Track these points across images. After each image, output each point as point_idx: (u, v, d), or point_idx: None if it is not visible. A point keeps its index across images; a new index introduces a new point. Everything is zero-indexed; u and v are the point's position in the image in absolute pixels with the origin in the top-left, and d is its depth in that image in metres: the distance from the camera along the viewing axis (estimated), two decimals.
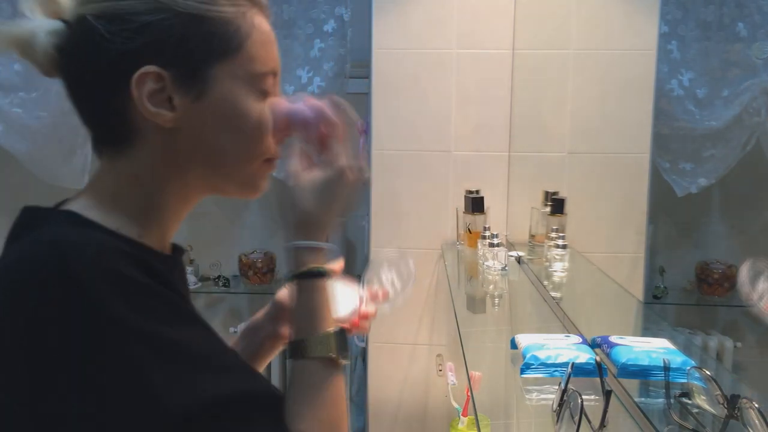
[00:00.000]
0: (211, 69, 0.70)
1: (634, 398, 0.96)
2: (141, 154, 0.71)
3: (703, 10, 1.60)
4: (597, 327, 1.25)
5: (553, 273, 1.63)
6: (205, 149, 0.72)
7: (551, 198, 1.83)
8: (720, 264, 1.56)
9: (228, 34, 0.70)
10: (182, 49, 0.68)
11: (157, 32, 0.67)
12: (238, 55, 0.71)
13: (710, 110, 1.63)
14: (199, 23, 0.68)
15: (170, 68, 0.68)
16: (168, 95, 0.68)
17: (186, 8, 0.68)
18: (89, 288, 0.60)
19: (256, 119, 0.72)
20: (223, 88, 0.70)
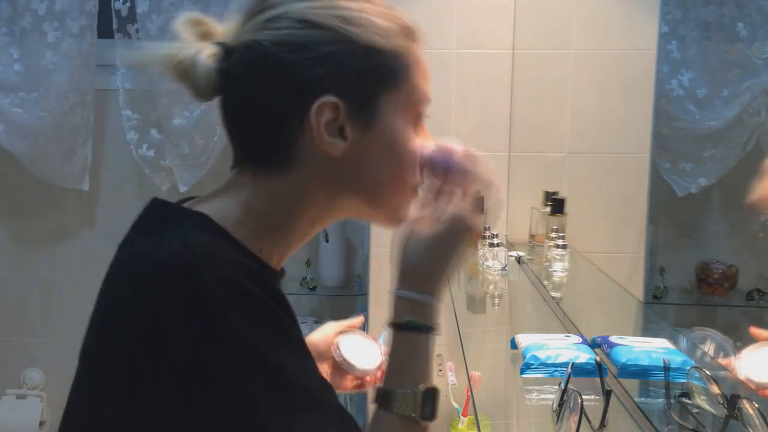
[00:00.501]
0: (380, 100, 0.71)
1: (634, 398, 0.96)
2: (295, 178, 0.72)
3: (703, 10, 1.60)
4: (597, 327, 1.25)
5: (553, 273, 1.63)
6: (364, 178, 0.73)
7: (551, 198, 1.83)
8: (720, 264, 1.56)
9: (397, 67, 0.72)
10: (359, 80, 0.70)
11: (337, 63, 0.69)
12: (404, 86, 0.73)
13: (710, 110, 1.63)
14: (375, 55, 0.70)
15: (346, 99, 0.69)
16: (340, 125, 0.70)
17: (366, 41, 0.70)
18: (213, 297, 0.61)
19: (413, 151, 0.74)
20: (389, 119, 0.72)
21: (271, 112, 0.70)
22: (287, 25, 0.69)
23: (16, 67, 2.24)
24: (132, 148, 2.26)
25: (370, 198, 0.75)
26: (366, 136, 0.71)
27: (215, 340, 0.60)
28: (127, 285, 0.64)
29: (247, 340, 0.61)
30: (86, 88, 2.24)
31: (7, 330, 2.45)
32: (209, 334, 0.60)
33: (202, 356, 0.60)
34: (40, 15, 2.18)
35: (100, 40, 2.25)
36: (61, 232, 2.40)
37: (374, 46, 0.70)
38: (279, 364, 0.62)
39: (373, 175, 0.73)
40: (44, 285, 2.40)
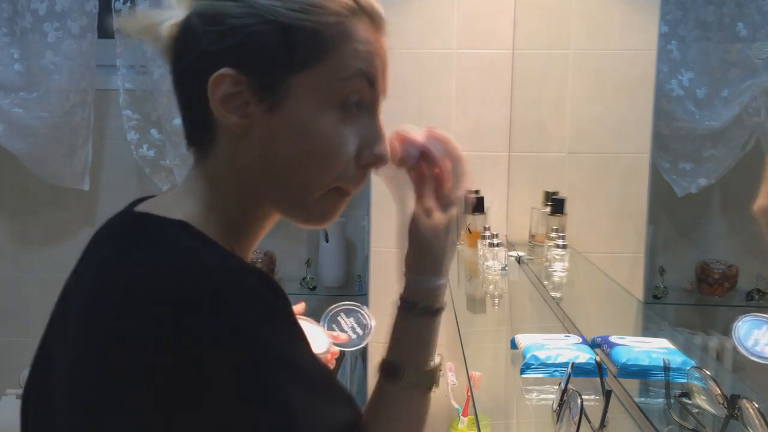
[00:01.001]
0: (289, 80, 0.66)
1: (634, 398, 0.96)
2: (217, 158, 0.70)
3: (703, 10, 1.60)
4: (597, 327, 1.25)
5: (553, 273, 1.63)
6: (270, 165, 0.68)
7: (551, 198, 1.83)
8: (720, 264, 1.56)
9: (314, 45, 0.66)
10: (265, 56, 0.66)
11: (242, 37, 0.66)
12: (324, 66, 0.67)
13: (710, 110, 1.63)
14: (287, 32, 0.66)
15: (249, 74, 0.66)
16: (244, 101, 0.66)
17: (277, 16, 0.66)
18: (232, 308, 0.59)
19: (329, 141, 0.68)
20: (298, 103, 0.67)
21: (188, 86, 0.69)
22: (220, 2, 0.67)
23: (17, 67, 2.24)
24: (132, 148, 2.26)
25: (281, 189, 0.70)
26: (270, 117, 0.67)
27: (242, 352, 0.58)
28: (132, 315, 0.59)
29: (271, 346, 0.60)
30: (86, 88, 2.24)
31: (7, 330, 2.45)
32: (235, 346, 0.58)
33: (230, 358, 0.58)
34: (40, 15, 2.18)
35: (100, 40, 2.25)
36: (61, 232, 2.40)
37: (287, 21, 0.66)
38: (301, 363, 0.63)
39: (278, 162, 0.68)
40: (44, 285, 2.40)
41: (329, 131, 0.68)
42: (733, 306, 1.56)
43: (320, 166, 0.68)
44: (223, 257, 0.65)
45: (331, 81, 0.67)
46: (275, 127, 0.67)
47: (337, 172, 0.69)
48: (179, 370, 0.57)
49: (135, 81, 2.25)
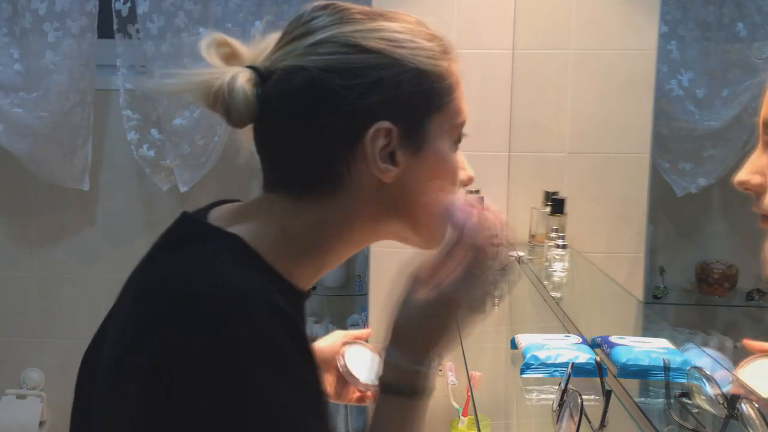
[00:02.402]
0: (429, 123, 0.70)
1: (634, 398, 0.96)
2: (341, 204, 0.70)
3: (703, 10, 1.60)
4: (597, 327, 1.25)
5: (553, 273, 1.63)
6: (412, 203, 0.71)
7: (551, 198, 1.83)
8: (720, 264, 1.56)
9: (443, 88, 0.71)
10: (410, 104, 0.69)
11: (388, 87, 0.67)
12: (448, 107, 0.71)
13: (710, 110, 1.63)
14: (424, 77, 0.69)
15: (398, 123, 0.68)
16: (392, 150, 0.68)
17: (416, 63, 0.69)
18: (240, 340, 0.59)
19: (455, 171, 0.74)
20: (436, 142, 0.71)
21: (320, 140, 0.68)
22: (334, 50, 0.67)
23: (17, 67, 2.24)
24: (132, 148, 2.26)
25: (413, 222, 0.73)
26: (416, 161, 0.70)
27: (234, 385, 0.58)
28: (154, 308, 0.62)
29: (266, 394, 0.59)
30: (86, 88, 2.24)
31: (7, 330, 2.45)
32: (230, 377, 0.58)
33: (219, 396, 0.58)
34: (40, 15, 2.18)
35: (100, 40, 2.25)
36: (61, 232, 2.40)
37: (422, 68, 0.69)
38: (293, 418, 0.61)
39: (422, 198, 0.71)
40: (44, 285, 2.40)
41: (455, 162, 0.74)
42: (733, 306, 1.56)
43: (449, 192, 0.73)
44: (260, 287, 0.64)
45: (454, 122, 0.72)
46: (420, 168, 0.70)
47: (455, 192, 0.74)
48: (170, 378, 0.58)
49: (135, 81, 2.25)
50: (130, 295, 0.68)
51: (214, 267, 0.63)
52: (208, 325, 0.59)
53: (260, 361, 0.59)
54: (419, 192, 0.71)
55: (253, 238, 0.67)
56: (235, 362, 0.58)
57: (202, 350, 0.58)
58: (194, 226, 0.70)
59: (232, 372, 0.58)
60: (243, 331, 0.59)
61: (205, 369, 0.58)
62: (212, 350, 0.58)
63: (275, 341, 0.60)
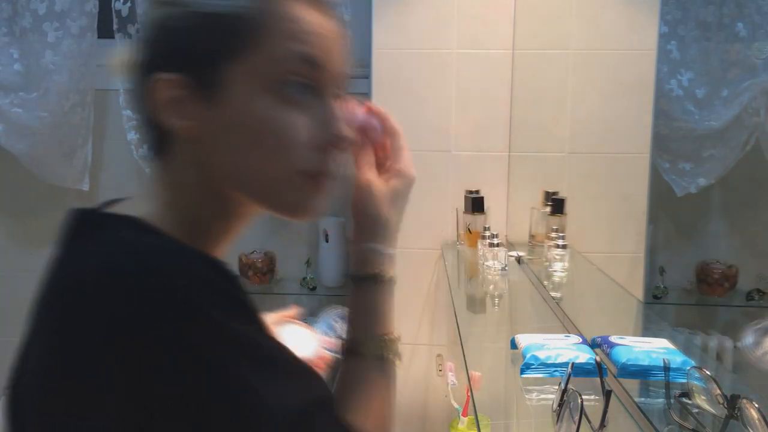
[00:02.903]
0: (225, 71, 0.63)
1: (634, 398, 0.96)
2: (176, 164, 0.67)
3: (703, 10, 1.60)
4: (597, 327, 1.25)
5: (553, 273, 1.63)
6: (226, 164, 0.65)
7: (551, 198, 1.83)
8: (720, 264, 1.56)
9: (245, 30, 0.63)
10: (196, 51, 0.63)
11: (171, 37, 0.64)
12: (258, 52, 0.63)
13: (710, 110, 1.63)
14: (213, 21, 0.63)
15: (184, 73, 0.63)
16: (185, 103, 0.64)
17: (203, 7, 0.63)
18: (187, 296, 0.56)
19: (274, 127, 0.64)
20: (237, 93, 0.63)
21: (134, 101, 0.68)
22: (146, 10, 0.68)
23: (16, 67, 2.24)
24: (132, 148, 2.26)
25: (245, 186, 0.67)
26: (214, 114, 0.63)
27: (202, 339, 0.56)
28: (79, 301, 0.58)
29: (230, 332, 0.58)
30: (86, 88, 2.24)
31: (7, 330, 2.44)
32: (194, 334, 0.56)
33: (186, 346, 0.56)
34: (40, 15, 2.18)
35: (100, 40, 2.25)
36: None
37: (211, 11, 0.63)
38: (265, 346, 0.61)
39: (232, 159, 0.65)
40: None
41: (272, 117, 0.64)
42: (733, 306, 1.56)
43: (271, 153, 0.65)
44: (172, 245, 0.63)
45: (268, 66, 0.63)
46: (221, 119, 0.64)
47: (292, 157, 0.65)
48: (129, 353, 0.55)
49: None
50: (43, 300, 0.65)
51: (124, 242, 0.62)
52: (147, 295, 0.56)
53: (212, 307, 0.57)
54: (231, 150, 0.65)
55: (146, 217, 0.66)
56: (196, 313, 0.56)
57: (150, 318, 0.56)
58: (85, 216, 0.68)
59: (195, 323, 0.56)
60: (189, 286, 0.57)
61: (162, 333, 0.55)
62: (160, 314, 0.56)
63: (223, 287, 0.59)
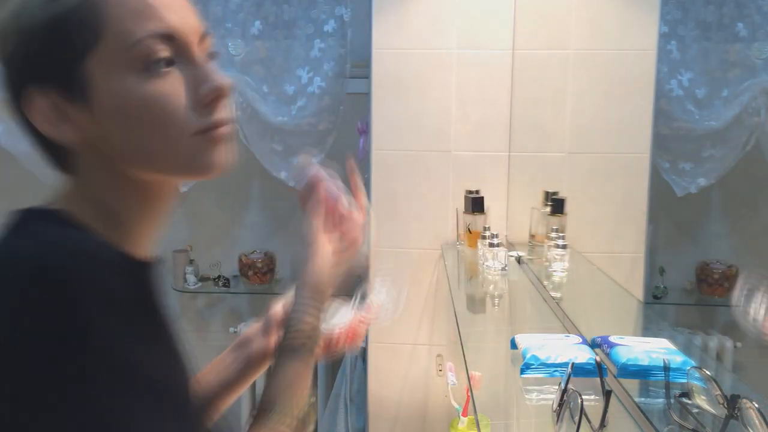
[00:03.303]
0: (81, 69, 0.64)
1: (634, 398, 0.96)
2: (82, 171, 0.69)
3: (703, 10, 1.60)
4: (597, 327, 1.25)
5: (553, 273, 1.63)
6: (124, 153, 0.67)
7: (551, 198, 1.83)
8: (720, 264, 1.56)
9: (84, 23, 0.63)
10: (47, 60, 0.64)
11: (22, 55, 0.65)
12: (102, 40, 0.63)
13: (710, 110, 1.63)
14: (53, 27, 0.63)
15: (49, 84, 0.65)
16: (63, 111, 0.65)
17: (34, 21, 0.64)
18: (69, 296, 0.57)
19: (149, 102, 0.65)
20: (101, 84, 0.64)
21: (23, 129, 0.69)
22: None
23: None
24: None
25: (151, 167, 0.68)
26: (91, 111, 0.65)
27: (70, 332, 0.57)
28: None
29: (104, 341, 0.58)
30: None
31: None
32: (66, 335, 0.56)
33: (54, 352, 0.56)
34: None
35: None
36: None
37: (41, 21, 0.63)
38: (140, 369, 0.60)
39: (129, 145, 0.66)
40: None
41: (145, 94, 0.65)
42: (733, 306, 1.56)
43: (159, 127, 0.66)
44: (80, 240, 0.63)
45: (121, 50, 0.64)
46: (101, 115, 0.65)
47: (179, 123, 0.66)
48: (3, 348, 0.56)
49: None
50: None
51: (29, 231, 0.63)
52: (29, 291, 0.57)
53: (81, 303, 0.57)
54: (125, 136, 0.66)
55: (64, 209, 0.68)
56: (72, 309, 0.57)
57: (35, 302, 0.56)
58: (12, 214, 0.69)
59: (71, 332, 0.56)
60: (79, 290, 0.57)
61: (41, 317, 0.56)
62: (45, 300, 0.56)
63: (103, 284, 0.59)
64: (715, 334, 1.55)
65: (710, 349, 1.52)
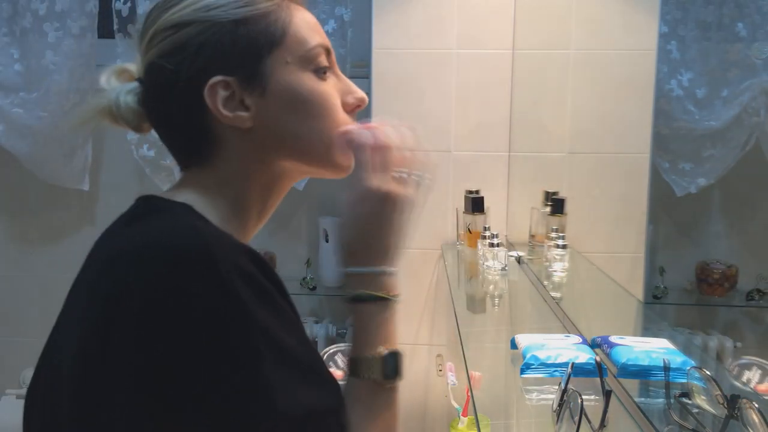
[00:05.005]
0: (265, 64, 0.75)
1: (634, 398, 0.96)
2: (226, 160, 0.77)
3: (703, 10, 1.60)
4: (597, 327, 1.25)
5: (553, 273, 1.63)
6: (283, 138, 0.77)
7: (551, 198, 1.83)
8: (720, 264, 1.56)
9: (270, 27, 0.75)
10: (236, 53, 0.74)
11: (210, 48, 0.74)
12: (285, 42, 0.76)
13: (710, 110, 1.63)
14: (242, 26, 0.74)
15: (233, 74, 0.74)
16: (240, 99, 0.75)
17: (226, 17, 0.74)
18: (225, 278, 0.63)
19: (318, 97, 0.77)
20: (281, 78, 0.76)
21: (181, 115, 0.76)
22: (162, 37, 0.75)
23: (17, 67, 2.24)
24: (132, 148, 2.26)
25: (301, 154, 0.78)
26: (266, 100, 0.75)
27: (231, 322, 0.62)
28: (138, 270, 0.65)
29: (258, 321, 0.64)
30: (86, 88, 2.24)
31: (7, 330, 2.45)
32: (225, 316, 0.62)
33: (220, 332, 0.62)
34: (40, 15, 2.18)
35: (100, 40, 2.25)
36: (61, 232, 2.40)
37: (237, 18, 0.74)
38: (287, 343, 0.66)
39: (289, 132, 0.77)
40: (44, 285, 2.40)
41: (315, 89, 0.77)
42: (733, 306, 1.56)
43: (321, 118, 0.77)
44: (222, 236, 0.69)
45: (299, 53, 0.77)
46: (274, 105, 0.76)
47: (336, 119, 0.78)
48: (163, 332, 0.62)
49: None
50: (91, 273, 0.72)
51: (180, 223, 0.70)
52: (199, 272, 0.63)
53: (243, 292, 0.63)
54: (287, 125, 0.76)
55: (194, 205, 0.75)
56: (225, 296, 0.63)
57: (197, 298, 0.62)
58: (152, 201, 0.76)
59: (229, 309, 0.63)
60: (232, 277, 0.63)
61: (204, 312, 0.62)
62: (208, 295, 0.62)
63: (260, 282, 0.66)
64: (715, 334, 1.55)
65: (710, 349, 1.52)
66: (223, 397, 0.61)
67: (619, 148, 1.78)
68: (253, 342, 0.63)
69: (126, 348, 0.62)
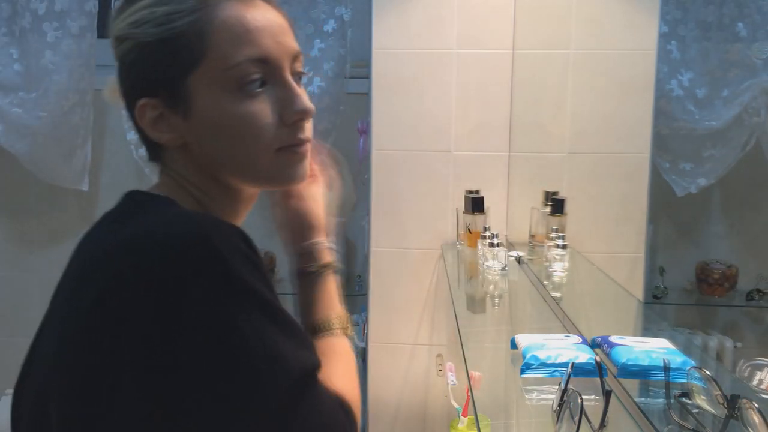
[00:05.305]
0: (186, 85, 0.73)
1: (634, 398, 0.96)
2: (175, 167, 0.79)
3: (703, 10, 1.60)
4: (597, 327, 1.25)
5: (553, 273, 1.63)
6: (215, 159, 0.76)
7: (551, 198, 1.83)
8: (720, 264, 1.56)
9: (190, 45, 0.72)
10: (160, 73, 0.74)
11: (137, 68, 0.75)
12: (205, 60, 0.72)
13: (710, 110, 1.63)
14: (166, 44, 0.73)
15: (158, 95, 0.74)
16: (168, 120, 0.75)
17: (150, 36, 0.73)
18: (228, 260, 0.65)
19: (239, 120, 0.74)
20: (203, 100, 0.73)
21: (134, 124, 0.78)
22: (113, 45, 0.78)
23: (16, 67, 2.24)
24: (132, 148, 2.26)
25: (235, 174, 0.78)
26: (192, 122, 0.74)
27: (236, 296, 0.65)
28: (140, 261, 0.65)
29: (261, 296, 0.67)
30: (86, 88, 2.24)
31: (7, 330, 2.45)
32: (232, 294, 0.64)
33: (226, 311, 0.64)
34: (39, 15, 2.18)
35: (100, 40, 2.25)
36: (61, 232, 2.40)
37: (157, 38, 0.73)
38: (285, 314, 0.70)
39: (217, 153, 0.76)
40: (44, 285, 2.39)
41: (236, 112, 0.73)
42: (733, 306, 1.56)
43: (245, 141, 0.75)
44: (215, 220, 0.71)
45: (220, 70, 0.73)
46: (198, 126, 0.74)
47: (265, 139, 0.75)
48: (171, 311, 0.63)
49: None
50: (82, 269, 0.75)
51: (183, 215, 0.72)
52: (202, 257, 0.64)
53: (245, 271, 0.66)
54: (215, 146, 0.75)
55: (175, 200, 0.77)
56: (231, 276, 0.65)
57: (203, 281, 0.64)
58: (136, 196, 0.78)
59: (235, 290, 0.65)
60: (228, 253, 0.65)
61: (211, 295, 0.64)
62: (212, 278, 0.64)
63: (247, 252, 0.68)
64: (715, 334, 1.55)
65: (710, 349, 1.52)
66: (246, 373, 0.63)
67: (619, 148, 1.78)
68: (261, 315, 0.66)
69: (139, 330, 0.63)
